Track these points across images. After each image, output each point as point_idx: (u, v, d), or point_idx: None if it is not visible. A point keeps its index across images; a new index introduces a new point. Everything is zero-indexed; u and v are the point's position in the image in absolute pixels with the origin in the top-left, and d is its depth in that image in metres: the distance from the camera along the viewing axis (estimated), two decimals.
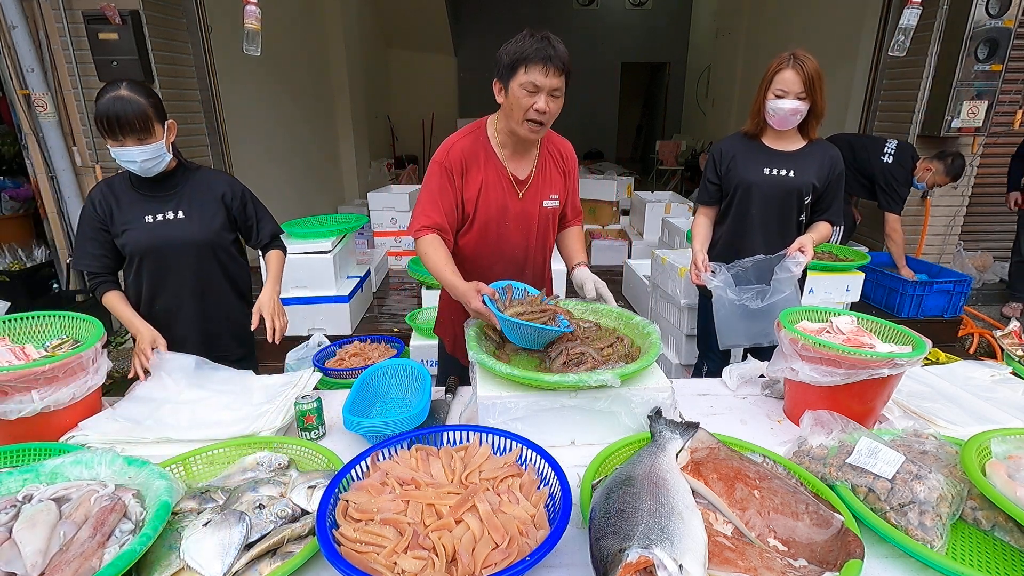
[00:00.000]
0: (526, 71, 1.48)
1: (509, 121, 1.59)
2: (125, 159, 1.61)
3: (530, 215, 1.73)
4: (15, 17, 3.41)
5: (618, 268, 4.81)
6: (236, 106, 4.80)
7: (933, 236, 4.56)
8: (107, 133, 1.57)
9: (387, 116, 9.90)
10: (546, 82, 1.49)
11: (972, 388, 1.58)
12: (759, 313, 1.96)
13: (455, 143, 1.67)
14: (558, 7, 11.08)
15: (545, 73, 1.48)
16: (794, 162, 2.06)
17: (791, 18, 6.93)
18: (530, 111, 1.53)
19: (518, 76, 1.50)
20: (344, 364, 2.43)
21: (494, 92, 1.60)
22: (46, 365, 1.25)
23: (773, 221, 2.11)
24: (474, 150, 1.66)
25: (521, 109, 1.53)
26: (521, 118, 1.55)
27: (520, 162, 1.70)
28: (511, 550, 0.88)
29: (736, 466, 1.08)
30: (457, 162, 1.64)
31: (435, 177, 1.65)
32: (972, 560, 0.98)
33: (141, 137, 1.59)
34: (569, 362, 1.40)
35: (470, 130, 1.70)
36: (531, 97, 1.51)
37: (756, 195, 2.08)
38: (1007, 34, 3.87)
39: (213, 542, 0.91)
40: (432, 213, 1.64)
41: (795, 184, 2.05)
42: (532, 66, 1.47)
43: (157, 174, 1.71)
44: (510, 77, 1.52)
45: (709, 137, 9.88)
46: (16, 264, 4.07)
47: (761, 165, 2.07)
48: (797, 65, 1.90)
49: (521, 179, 1.70)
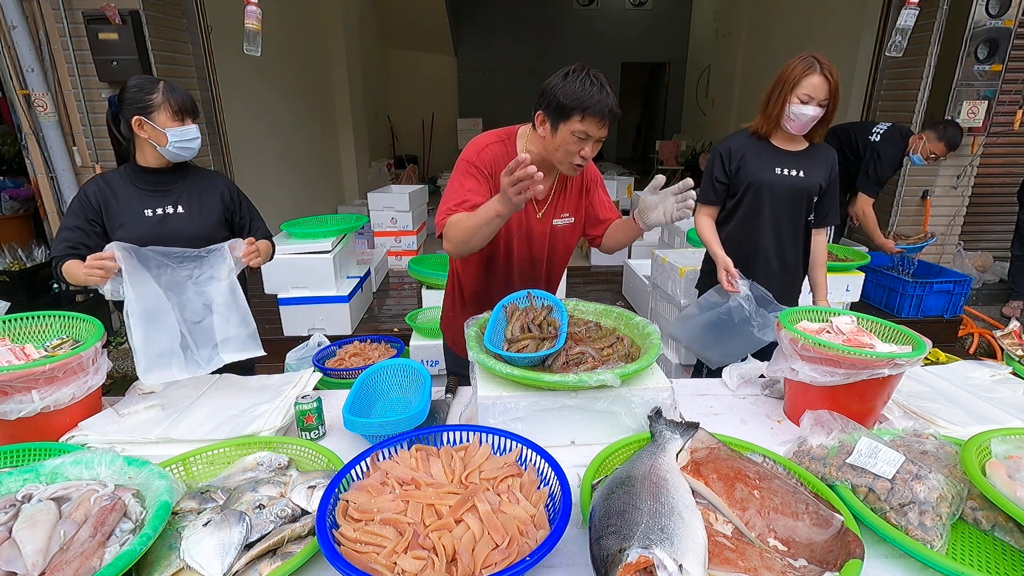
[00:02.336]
0: (582, 120, 1.42)
1: (547, 154, 1.54)
2: (190, 136, 1.70)
3: (542, 233, 1.71)
4: (15, 17, 3.41)
5: (618, 268, 4.81)
6: (236, 106, 4.80)
7: None
8: (176, 114, 1.67)
9: (387, 116, 9.91)
10: (598, 133, 1.45)
11: (972, 388, 1.59)
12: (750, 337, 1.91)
13: (487, 145, 1.61)
14: (558, 7, 11.07)
15: (601, 126, 1.44)
16: (803, 163, 2.06)
17: (791, 18, 6.93)
18: (576, 156, 1.48)
19: (572, 122, 1.43)
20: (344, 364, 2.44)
21: (535, 120, 1.53)
22: (46, 365, 1.25)
23: (785, 221, 2.10)
24: (503, 159, 1.59)
25: (568, 153, 1.48)
26: (566, 160, 1.50)
27: None
28: (511, 550, 0.88)
29: (736, 466, 1.08)
30: (488, 165, 1.59)
31: (467, 176, 1.58)
32: (972, 560, 0.98)
33: (195, 117, 1.72)
34: (569, 362, 1.40)
35: (501, 136, 1.64)
36: (580, 143, 1.46)
37: (768, 195, 2.06)
38: (1007, 34, 3.88)
39: (213, 542, 0.91)
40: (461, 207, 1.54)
41: (806, 185, 2.05)
42: (590, 118, 1.42)
43: (161, 168, 1.75)
44: (562, 119, 1.44)
45: (709, 137, 9.88)
46: (16, 264, 4.07)
47: (772, 165, 2.05)
48: (825, 72, 1.85)
49: (540, 199, 1.68)
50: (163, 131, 1.65)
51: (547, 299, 1.56)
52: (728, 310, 1.95)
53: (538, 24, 10.84)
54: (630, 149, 14.16)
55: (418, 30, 9.67)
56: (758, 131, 2.08)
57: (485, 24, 10.89)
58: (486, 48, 11.02)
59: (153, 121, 1.64)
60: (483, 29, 10.92)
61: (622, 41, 11.25)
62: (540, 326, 1.45)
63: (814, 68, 1.86)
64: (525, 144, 1.63)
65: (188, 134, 1.69)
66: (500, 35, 11.00)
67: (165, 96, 1.64)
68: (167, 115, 1.65)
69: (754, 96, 8.56)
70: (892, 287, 3.89)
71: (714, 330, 2.00)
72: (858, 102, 4.98)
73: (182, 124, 1.67)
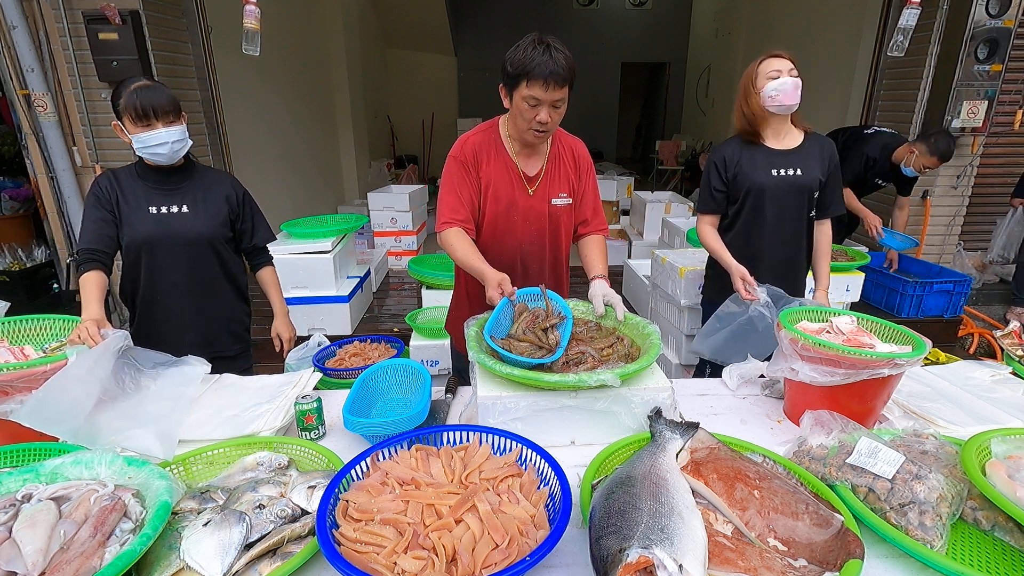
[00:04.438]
0: (528, 85, 1.50)
1: (515, 125, 1.64)
2: (156, 142, 1.63)
3: (540, 212, 1.75)
4: (15, 17, 3.41)
5: (618, 268, 4.81)
6: (236, 106, 4.80)
7: (933, 236, 4.56)
8: (139, 119, 1.60)
9: (387, 116, 9.90)
10: (547, 96, 1.51)
11: (972, 388, 1.58)
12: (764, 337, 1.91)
13: (469, 138, 1.72)
14: (558, 7, 11.08)
15: (545, 88, 1.50)
16: (799, 160, 2.06)
17: (791, 18, 6.93)
18: (533, 122, 1.56)
19: (520, 88, 1.52)
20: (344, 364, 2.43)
21: (500, 95, 1.62)
22: (46, 365, 1.25)
23: (787, 222, 2.10)
24: (486, 145, 1.70)
25: (525, 120, 1.57)
26: (525, 127, 1.59)
27: (530, 159, 1.73)
28: (511, 550, 0.88)
29: (736, 466, 1.07)
30: (471, 154, 1.69)
31: (454, 172, 1.70)
32: (972, 560, 0.98)
33: (171, 120, 1.64)
34: (569, 362, 1.40)
35: (484, 128, 1.75)
36: (533, 110, 1.54)
37: (768, 198, 2.07)
38: (1007, 34, 3.87)
39: (213, 542, 0.91)
40: (456, 207, 1.68)
41: (805, 183, 2.05)
42: (533, 81, 1.49)
43: (167, 167, 1.74)
44: (513, 87, 1.54)
45: (709, 137, 9.88)
46: (16, 264, 4.07)
47: (768, 167, 2.05)
48: (775, 53, 1.97)
49: (531, 176, 1.73)
50: (129, 136, 1.64)
51: (560, 307, 1.56)
52: (750, 319, 1.95)
53: (538, 24, 10.79)
54: (630, 149, 14.16)
55: (418, 30, 9.67)
56: (746, 134, 2.10)
57: (485, 24, 10.89)
58: (486, 48, 11.02)
59: (123, 125, 1.64)
60: (483, 29, 10.91)
61: (622, 41, 11.26)
62: (545, 332, 1.44)
63: (765, 55, 1.99)
64: (507, 129, 1.72)
65: (153, 139, 1.63)
66: (500, 35, 10.97)
67: (128, 99, 1.60)
68: (129, 119, 1.62)
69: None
70: (892, 287, 3.89)
71: (739, 340, 1.99)
72: (858, 102, 4.98)
73: (147, 128, 1.62)
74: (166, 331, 1.83)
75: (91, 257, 1.66)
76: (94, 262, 1.66)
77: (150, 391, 1.37)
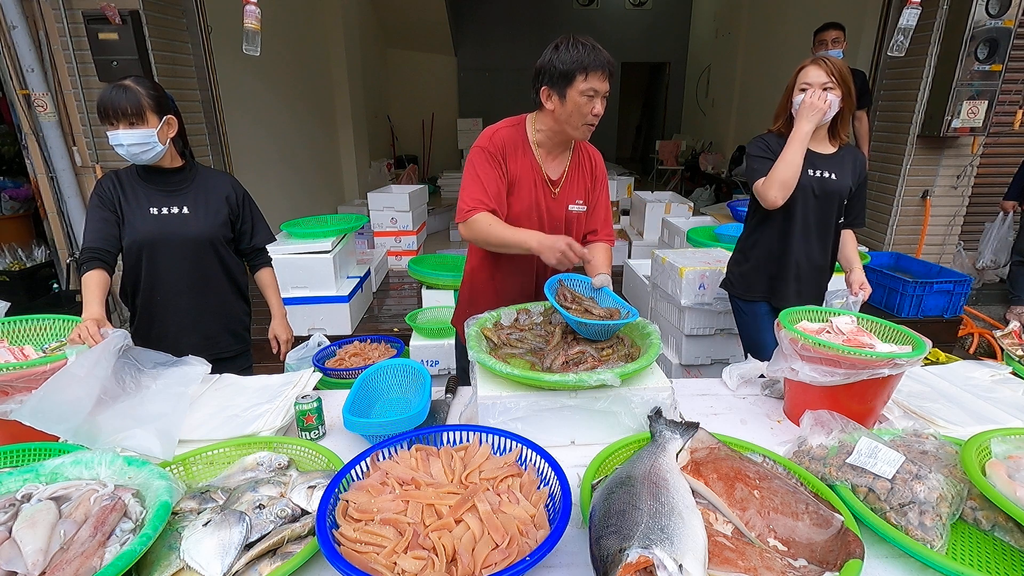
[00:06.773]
0: (586, 79, 1.53)
1: (563, 125, 1.62)
2: (115, 143, 1.64)
3: (558, 216, 1.76)
4: (15, 17, 3.41)
5: (618, 268, 4.81)
6: (236, 106, 4.80)
7: (933, 236, 4.56)
8: (103, 118, 1.62)
9: (387, 116, 9.91)
10: (603, 87, 1.55)
11: (972, 388, 1.58)
12: None
13: (498, 130, 1.70)
14: (558, 7, 11.08)
15: (603, 78, 1.54)
16: (834, 165, 2.05)
17: (791, 18, 6.93)
18: (589, 116, 1.58)
19: (577, 84, 1.53)
20: (344, 364, 2.43)
21: (539, 99, 1.62)
22: (46, 365, 1.25)
23: (816, 224, 2.09)
24: (515, 141, 1.69)
25: (582, 115, 1.58)
26: (580, 123, 1.59)
27: (554, 162, 1.74)
28: (511, 550, 0.88)
29: (736, 466, 1.07)
30: (500, 148, 1.66)
31: (482, 163, 1.66)
32: (972, 560, 0.98)
33: (132, 122, 1.62)
34: (569, 362, 1.40)
35: (512, 123, 1.73)
36: (590, 102, 1.56)
37: (802, 196, 2.05)
38: (1007, 34, 3.87)
39: (213, 542, 0.91)
40: (481, 196, 1.64)
41: (838, 187, 2.05)
42: (593, 73, 1.52)
43: (168, 168, 1.74)
44: (567, 85, 1.55)
45: (709, 137, 9.88)
46: (16, 264, 4.07)
47: (805, 167, 2.03)
48: (820, 61, 1.95)
49: (554, 179, 1.73)
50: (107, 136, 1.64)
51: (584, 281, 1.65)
52: None
53: (538, 24, 10.85)
54: (630, 149, 14.17)
55: (418, 30, 9.68)
56: (782, 132, 2.08)
57: (485, 24, 10.90)
58: (486, 48, 11.03)
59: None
60: (483, 29, 10.92)
61: (622, 41, 11.27)
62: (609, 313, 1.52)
63: (811, 61, 1.96)
64: (534, 127, 1.71)
65: (114, 139, 1.63)
66: (500, 35, 11.01)
67: (99, 98, 1.62)
68: (103, 120, 1.63)
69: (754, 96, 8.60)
70: (892, 287, 3.89)
71: None
72: None
73: (112, 128, 1.62)
74: (166, 331, 1.84)
75: (94, 256, 1.67)
76: (97, 261, 1.66)
77: (150, 391, 1.38)
